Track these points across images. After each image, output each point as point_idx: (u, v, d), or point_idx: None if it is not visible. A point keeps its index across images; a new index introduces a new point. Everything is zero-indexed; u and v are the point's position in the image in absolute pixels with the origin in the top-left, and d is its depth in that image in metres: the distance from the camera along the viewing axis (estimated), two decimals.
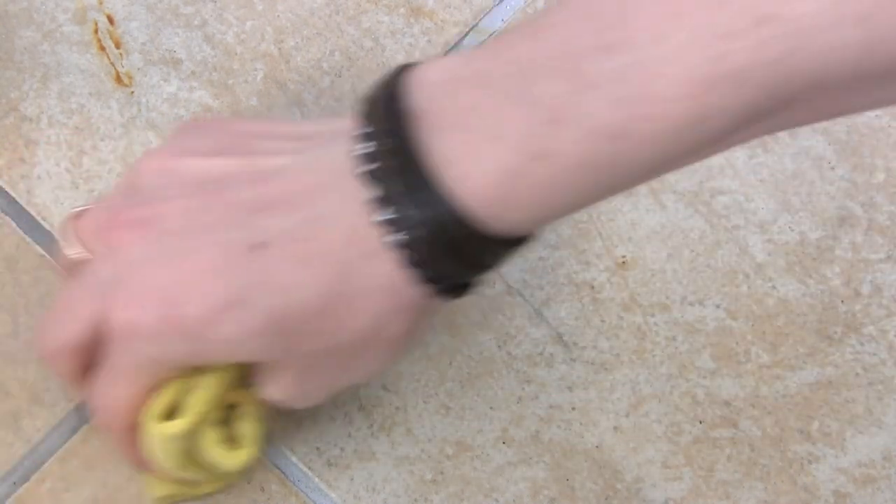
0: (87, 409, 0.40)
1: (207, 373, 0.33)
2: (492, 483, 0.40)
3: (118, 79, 0.44)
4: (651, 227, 0.43)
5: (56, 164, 0.42)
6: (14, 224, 0.42)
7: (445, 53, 0.45)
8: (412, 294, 0.30)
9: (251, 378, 0.33)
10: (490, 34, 0.45)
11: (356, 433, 0.40)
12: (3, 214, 0.42)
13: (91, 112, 0.43)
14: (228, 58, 0.45)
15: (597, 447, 0.40)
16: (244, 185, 0.31)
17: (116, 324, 0.31)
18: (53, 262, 0.41)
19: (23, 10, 0.45)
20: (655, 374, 0.41)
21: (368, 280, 0.29)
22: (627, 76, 0.25)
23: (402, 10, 0.46)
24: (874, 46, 0.24)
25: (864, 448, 0.40)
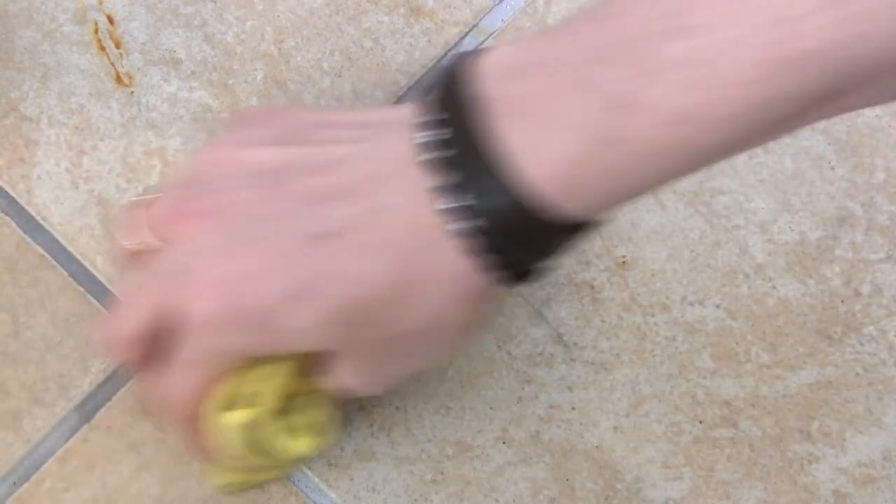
0: (87, 409, 0.40)
1: (272, 362, 0.33)
2: (492, 483, 0.40)
3: (118, 79, 0.44)
4: (651, 227, 0.43)
5: (56, 164, 0.42)
6: (14, 224, 0.42)
7: (445, 53, 0.45)
8: (477, 281, 0.30)
9: (314, 367, 0.33)
10: (490, 34, 0.45)
11: (356, 433, 0.40)
12: (3, 214, 0.42)
13: (91, 112, 0.43)
14: (228, 58, 0.45)
15: (597, 447, 0.40)
16: (307, 175, 0.31)
17: (182, 315, 0.31)
18: (53, 262, 0.41)
19: (23, 10, 0.45)
20: (655, 374, 0.41)
21: (433, 268, 0.29)
22: (694, 61, 0.25)
23: (402, 10, 0.46)
24: None
25: (864, 448, 0.40)
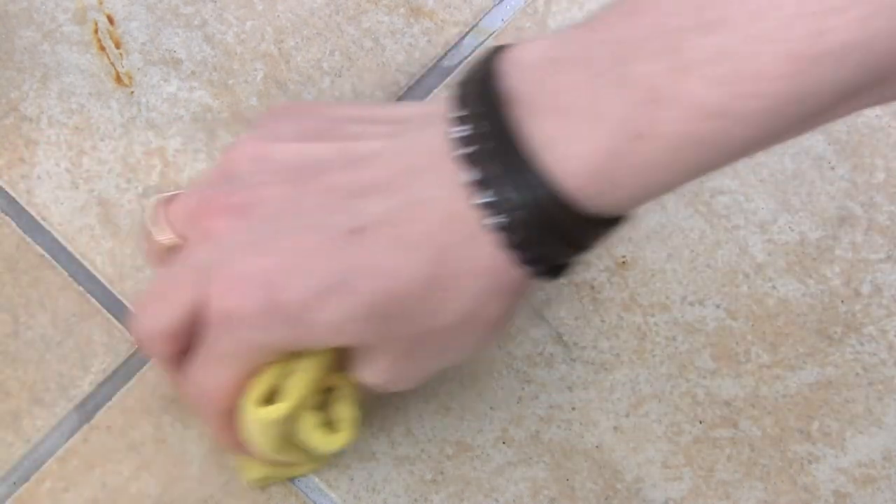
0: (87, 409, 0.40)
1: (305, 357, 0.33)
2: (492, 483, 0.40)
3: (118, 79, 0.44)
4: (651, 227, 0.43)
5: (56, 164, 0.42)
6: (14, 224, 0.42)
7: (445, 53, 0.45)
8: (511, 276, 0.30)
9: (348, 362, 0.33)
10: (490, 34, 0.45)
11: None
12: (3, 214, 0.42)
13: (91, 112, 0.43)
14: (228, 58, 0.45)
15: (597, 447, 0.40)
16: (340, 170, 0.31)
17: (216, 310, 0.31)
18: (53, 262, 0.41)
19: (23, 10, 0.45)
20: (655, 374, 0.41)
21: (468, 262, 0.29)
22: (727, 54, 0.25)
23: (402, 10, 0.46)
24: None
25: (864, 448, 0.40)
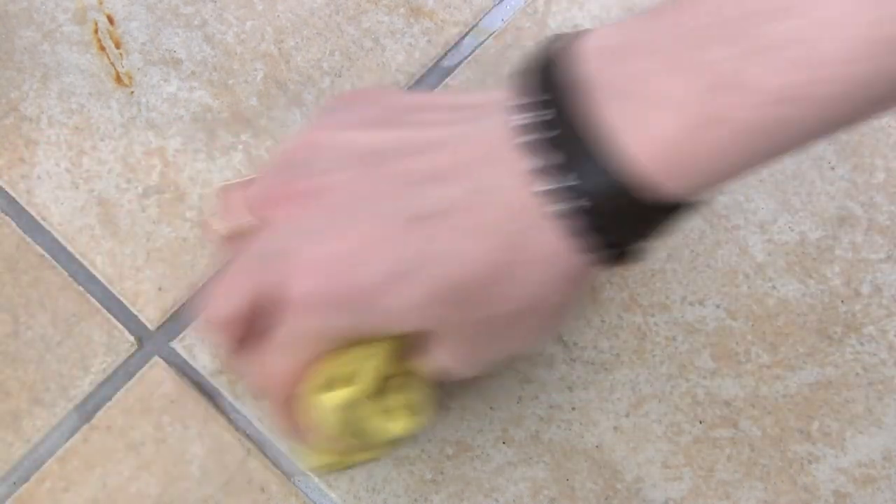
0: (87, 409, 0.40)
1: (371, 344, 0.33)
2: (492, 483, 0.40)
3: (118, 79, 0.44)
4: None
5: (56, 164, 0.42)
6: (14, 224, 0.42)
7: (445, 53, 0.45)
8: (576, 262, 0.30)
9: (412, 349, 0.33)
10: (490, 34, 0.45)
11: None
12: (3, 214, 0.42)
13: (91, 112, 0.43)
14: (228, 58, 0.45)
15: (597, 447, 0.40)
16: (405, 158, 0.31)
17: (284, 296, 0.31)
18: (53, 262, 0.41)
19: (23, 10, 0.45)
20: (655, 374, 0.41)
21: (533, 249, 0.29)
22: (796, 40, 0.25)
23: (402, 10, 0.46)
24: None
25: (864, 448, 0.40)
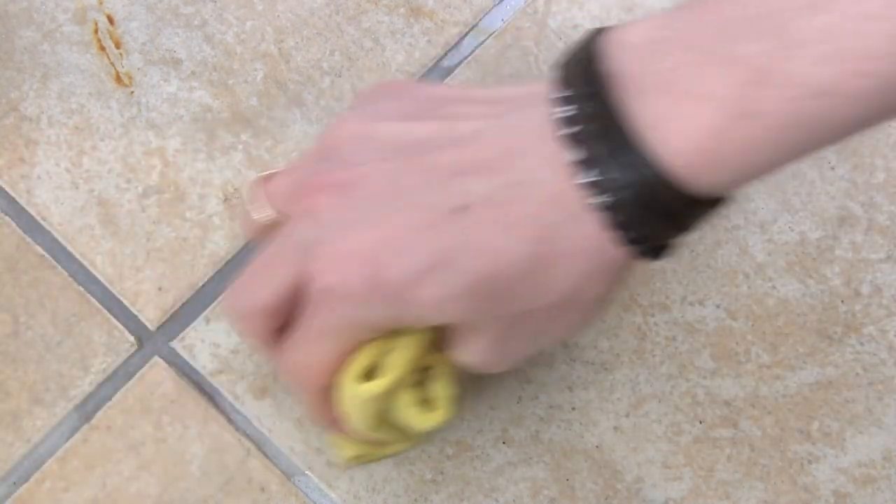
0: (87, 409, 0.40)
1: (404, 335, 0.33)
2: (492, 483, 0.40)
3: (118, 79, 0.44)
4: None
5: (56, 164, 0.42)
6: (14, 224, 0.42)
7: (445, 53, 0.45)
8: (614, 255, 0.30)
9: (446, 341, 0.33)
10: (490, 34, 0.45)
11: None
12: (3, 214, 0.42)
13: (91, 112, 0.43)
14: (228, 58, 0.45)
15: (597, 447, 0.40)
16: (442, 149, 0.31)
17: (318, 286, 0.31)
18: (53, 262, 0.41)
19: (23, 10, 0.45)
20: (655, 374, 0.41)
21: (571, 242, 0.29)
22: (833, 33, 0.25)
23: (402, 10, 0.46)
24: None
25: (864, 448, 0.40)
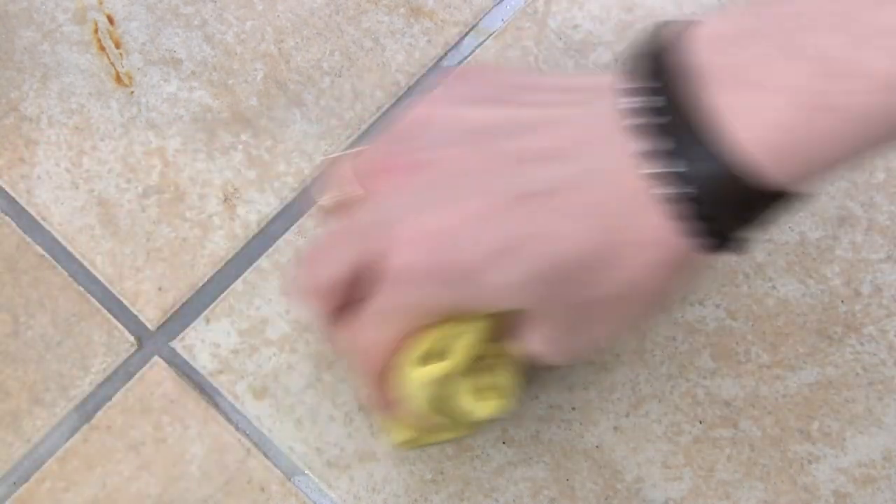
0: (87, 409, 0.40)
1: (467, 321, 0.33)
2: (492, 483, 0.40)
3: (118, 79, 0.44)
4: None
5: (56, 164, 0.42)
6: (14, 224, 0.42)
7: (445, 53, 0.45)
8: (682, 248, 0.30)
9: (507, 332, 0.33)
10: (490, 34, 0.45)
11: (356, 433, 0.40)
12: (3, 214, 0.42)
13: (91, 112, 0.43)
14: (228, 58, 0.45)
15: (597, 447, 0.40)
16: (514, 136, 0.31)
17: (386, 267, 0.31)
18: (53, 262, 0.41)
19: (23, 10, 0.45)
20: (655, 374, 0.41)
21: (639, 233, 0.29)
22: None
23: (402, 10, 0.46)
24: None
25: (864, 448, 0.40)
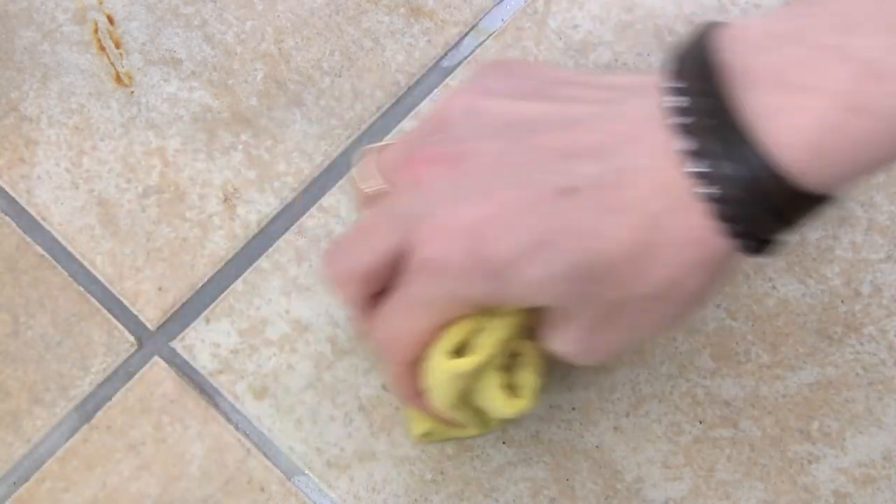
0: (87, 409, 0.40)
1: (498, 315, 0.33)
2: (492, 483, 0.40)
3: (118, 79, 0.44)
4: None
5: (56, 164, 0.42)
6: (14, 224, 0.42)
7: (445, 53, 0.45)
8: (718, 248, 0.30)
9: (538, 329, 0.33)
10: (490, 34, 0.45)
11: (356, 433, 0.40)
12: (3, 214, 0.42)
13: (91, 112, 0.43)
14: (228, 58, 0.45)
15: (597, 447, 0.40)
16: (553, 130, 0.31)
17: (419, 257, 0.31)
18: (53, 262, 0.41)
19: (23, 10, 0.45)
20: (655, 374, 0.41)
21: (676, 232, 0.29)
22: None
23: (402, 10, 0.46)
24: None
25: (864, 448, 0.40)
